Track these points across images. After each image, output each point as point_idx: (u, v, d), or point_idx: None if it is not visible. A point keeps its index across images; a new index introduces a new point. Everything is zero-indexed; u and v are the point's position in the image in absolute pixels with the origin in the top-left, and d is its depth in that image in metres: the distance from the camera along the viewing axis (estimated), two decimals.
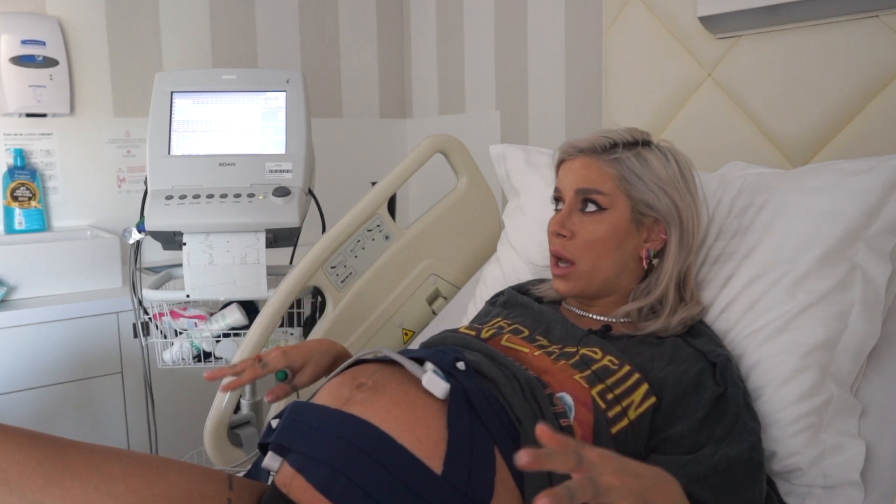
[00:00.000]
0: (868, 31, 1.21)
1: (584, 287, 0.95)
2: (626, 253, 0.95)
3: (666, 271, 0.95)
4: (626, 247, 0.94)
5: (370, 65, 2.62)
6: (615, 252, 0.94)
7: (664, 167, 0.95)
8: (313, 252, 1.32)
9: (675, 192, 0.94)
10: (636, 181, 0.93)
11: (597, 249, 0.93)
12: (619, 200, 0.93)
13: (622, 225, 0.93)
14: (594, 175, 0.94)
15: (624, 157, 0.94)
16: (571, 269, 0.95)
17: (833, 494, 0.85)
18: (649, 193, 0.93)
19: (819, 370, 0.88)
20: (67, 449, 0.68)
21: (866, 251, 0.92)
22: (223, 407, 1.24)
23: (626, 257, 0.95)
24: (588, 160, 0.95)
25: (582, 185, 0.94)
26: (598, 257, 0.94)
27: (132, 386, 1.79)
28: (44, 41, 1.92)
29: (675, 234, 0.95)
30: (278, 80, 1.47)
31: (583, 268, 0.94)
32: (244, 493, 0.74)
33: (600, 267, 0.94)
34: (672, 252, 0.95)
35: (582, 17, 1.96)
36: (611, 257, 0.94)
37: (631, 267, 0.96)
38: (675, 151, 0.98)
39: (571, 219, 0.95)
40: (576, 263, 0.94)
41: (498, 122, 2.26)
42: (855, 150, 1.24)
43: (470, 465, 0.71)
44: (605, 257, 0.94)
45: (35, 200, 1.96)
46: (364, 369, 0.84)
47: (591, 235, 0.93)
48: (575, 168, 0.96)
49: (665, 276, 0.95)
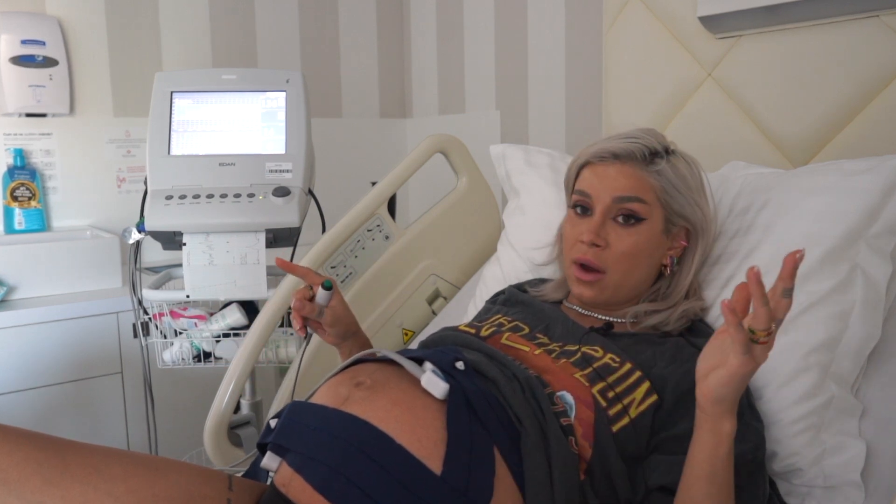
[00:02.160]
0: (868, 31, 1.21)
1: (612, 296, 0.95)
2: (655, 263, 0.96)
3: (685, 277, 0.96)
4: (655, 257, 0.95)
5: (370, 65, 2.62)
6: (646, 263, 0.94)
7: (692, 177, 0.95)
8: (313, 252, 1.32)
9: (702, 201, 0.96)
10: (675, 194, 0.93)
11: (631, 262, 0.92)
12: (656, 211, 0.93)
13: (655, 236, 0.93)
14: (636, 185, 0.92)
15: (665, 168, 0.93)
16: (601, 277, 0.93)
17: (833, 494, 0.85)
18: (687, 206, 0.94)
19: (820, 370, 0.88)
20: (67, 449, 0.68)
21: (867, 251, 0.92)
22: (223, 407, 1.24)
23: (654, 266, 0.96)
24: (627, 168, 0.93)
25: (623, 193, 0.92)
26: (630, 269, 0.93)
27: (132, 386, 1.79)
28: (44, 41, 1.92)
29: (701, 242, 0.96)
30: (278, 80, 1.47)
31: (614, 278, 0.93)
32: (244, 493, 0.74)
33: (631, 278, 0.94)
34: (695, 258, 0.96)
35: (582, 17, 1.96)
36: (642, 269, 0.94)
37: (653, 274, 0.97)
38: (691, 158, 0.99)
39: (605, 228, 0.93)
40: (606, 273, 0.93)
41: (498, 122, 2.26)
42: (855, 150, 1.24)
43: (469, 466, 0.71)
44: (636, 269, 0.93)
45: (35, 200, 1.96)
46: (363, 368, 0.84)
47: (628, 248, 0.92)
48: (612, 175, 0.93)
49: (685, 281, 0.96)
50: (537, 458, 0.74)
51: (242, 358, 1.24)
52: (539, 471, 0.74)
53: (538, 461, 0.74)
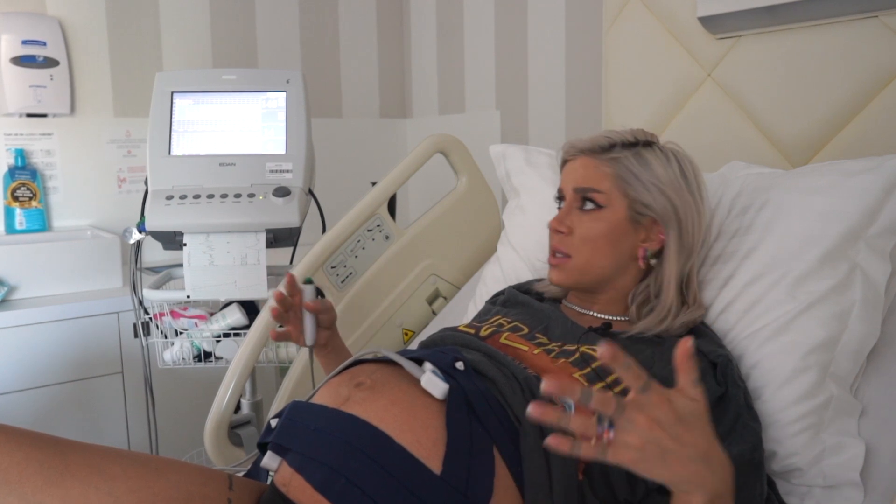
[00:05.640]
0: (868, 31, 1.21)
1: (577, 279, 0.96)
2: (623, 251, 0.95)
3: (667, 273, 0.95)
4: (622, 245, 0.95)
5: (370, 65, 2.62)
6: (610, 249, 0.94)
7: (664, 168, 0.95)
8: (313, 252, 1.33)
9: (673, 193, 0.94)
10: (633, 180, 0.93)
11: (592, 246, 0.94)
12: (616, 199, 0.94)
13: (618, 223, 0.94)
14: (591, 174, 0.95)
15: (622, 156, 0.95)
16: (566, 260, 0.96)
17: (833, 494, 0.85)
18: (646, 193, 0.93)
19: (819, 370, 0.88)
20: (68, 449, 0.68)
21: (866, 251, 0.92)
22: (223, 407, 1.24)
23: (623, 256, 0.95)
24: (587, 160, 0.97)
25: (580, 183, 0.96)
26: (592, 253, 0.94)
27: (132, 386, 1.79)
28: (44, 41, 1.92)
29: (674, 235, 0.95)
30: (278, 80, 1.47)
31: (578, 262, 0.95)
32: (244, 492, 0.74)
33: (595, 263, 0.95)
34: (671, 253, 0.94)
35: (582, 17, 1.96)
36: (605, 254, 0.94)
37: (628, 266, 0.96)
38: (679, 153, 0.98)
39: (570, 216, 0.96)
40: (571, 257, 0.96)
41: (498, 122, 2.26)
42: (855, 150, 1.24)
43: (469, 466, 0.71)
44: (599, 254, 0.94)
45: (35, 200, 1.96)
46: (363, 369, 0.84)
47: (588, 232, 0.94)
48: (575, 168, 0.98)
49: (666, 277, 0.95)
50: (536, 458, 0.74)
51: (243, 358, 1.25)
52: (538, 471, 0.74)
53: (537, 461, 0.74)
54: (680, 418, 0.58)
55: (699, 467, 0.59)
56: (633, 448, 0.57)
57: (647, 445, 0.57)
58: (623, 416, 0.56)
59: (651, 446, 0.57)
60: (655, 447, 0.57)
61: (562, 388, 0.55)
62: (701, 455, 0.59)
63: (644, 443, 0.57)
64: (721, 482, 0.61)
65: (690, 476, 0.59)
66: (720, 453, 0.62)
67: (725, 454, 0.63)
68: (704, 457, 0.60)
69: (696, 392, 0.60)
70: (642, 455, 0.57)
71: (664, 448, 0.57)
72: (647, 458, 0.57)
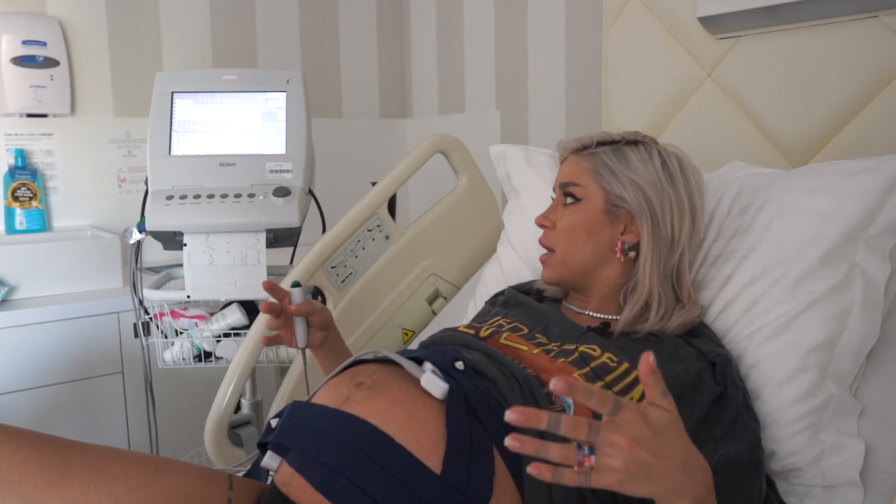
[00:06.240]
0: (868, 31, 1.21)
1: (561, 273, 0.98)
2: (601, 243, 0.96)
3: (643, 266, 0.94)
4: (600, 237, 0.96)
5: (370, 65, 2.62)
6: (587, 240, 0.96)
7: (643, 163, 0.95)
8: (313, 252, 1.33)
9: (649, 187, 0.94)
10: (608, 174, 0.96)
11: (571, 237, 0.97)
12: (593, 192, 0.96)
13: (595, 215, 0.96)
14: (573, 170, 0.99)
15: (600, 151, 0.97)
16: (551, 256, 0.99)
17: (832, 494, 0.85)
18: (619, 186, 0.95)
19: (819, 370, 0.88)
20: (68, 449, 0.68)
21: (866, 251, 0.92)
22: (223, 407, 1.24)
23: (602, 248, 0.96)
24: (573, 157, 1.01)
25: (563, 179, 1.00)
26: (571, 244, 0.97)
27: (133, 386, 1.79)
28: (44, 41, 1.92)
29: (647, 228, 0.94)
30: (278, 81, 1.47)
31: (560, 255, 0.98)
32: (244, 492, 0.74)
33: (574, 254, 0.97)
34: (645, 246, 0.94)
35: (582, 17, 1.96)
36: (582, 245, 0.96)
37: (609, 259, 0.96)
38: (665, 150, 0.98)
39: (555, 211, 1.00)
40: (555, 251, 0.98)
41: (498, 122, 2.27)
42: (855, 150, 1.24)
43: (468, 465, 0.71)
44: (577, 245, 0.96)
45: (36, 200, 1.96)
46: (363, 369, 0.84)
47: (567, 224, 0.97)
48: (563, 167, 1.02)
49: (643, 270, 0.94)
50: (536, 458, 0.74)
51: (243, 358, 1.25)
52: None
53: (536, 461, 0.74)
54: (658, 432, 0.58)
55: (681, 476, 0.60)
56: (616, 471, 0.57)
57: (630, 466, 0.57)
58: (601, 439, 0.56)
59: (634, 466, 0.57)
60: (639, 466, 0.57)
61: (570, 389, 0.55)
62: (681, 464, 0.60)
63: (627, 464, 0.57)
64: (702, 486, 0.62)
65: (674, 486, 0.60)
66: (699, 457, 0.63)
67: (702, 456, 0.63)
68: (685, 465, 0.60)
69: (666, 402, 0.61)
70: (627, 476, 0.57)
71: (647, 465, 0.57)
72: (632, 478, 0.57)
